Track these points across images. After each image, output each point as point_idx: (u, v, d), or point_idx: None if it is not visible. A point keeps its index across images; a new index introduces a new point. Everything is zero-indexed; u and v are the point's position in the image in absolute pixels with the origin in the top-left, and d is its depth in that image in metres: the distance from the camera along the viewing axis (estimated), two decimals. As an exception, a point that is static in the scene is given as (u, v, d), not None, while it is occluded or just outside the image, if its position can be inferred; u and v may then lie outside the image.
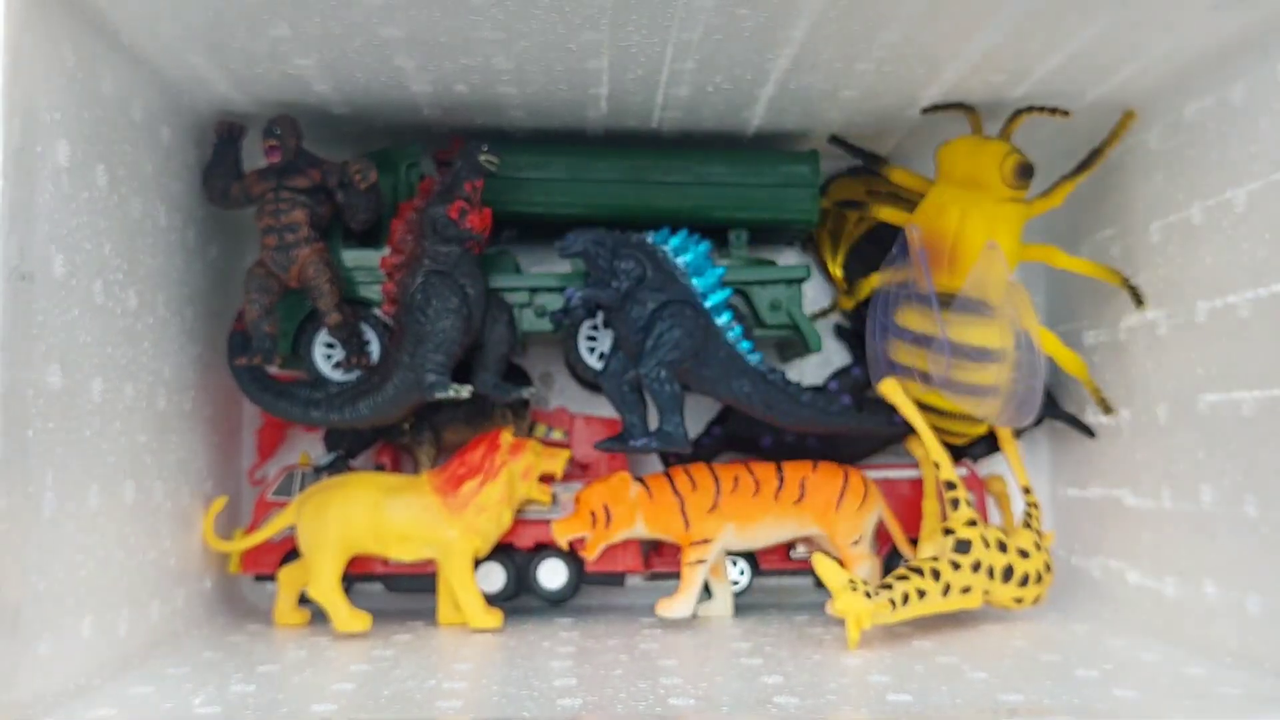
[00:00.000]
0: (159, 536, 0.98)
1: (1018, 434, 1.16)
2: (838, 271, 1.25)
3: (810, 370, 1.28)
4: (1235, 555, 0.91)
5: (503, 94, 1.02)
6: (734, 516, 1.10)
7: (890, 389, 1.06)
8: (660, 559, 1.19)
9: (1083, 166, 1.07)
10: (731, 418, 1.21)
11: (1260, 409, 0.88)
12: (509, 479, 1.07)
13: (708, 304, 1.06)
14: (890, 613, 0.96)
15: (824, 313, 1.25)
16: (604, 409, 1.25)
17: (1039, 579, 1.05)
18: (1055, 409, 1.18)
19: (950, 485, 1.05)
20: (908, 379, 1.07)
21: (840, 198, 1.21)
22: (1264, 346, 0.88)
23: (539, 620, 1.12)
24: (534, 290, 1.11)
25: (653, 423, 1.07)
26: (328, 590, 1.04)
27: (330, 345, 1.10)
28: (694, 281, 1.06)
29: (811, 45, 0.90)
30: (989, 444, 1.18)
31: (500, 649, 0.97)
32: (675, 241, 1.06)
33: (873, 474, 1.16)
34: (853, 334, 1.26)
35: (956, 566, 1.01)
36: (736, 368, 1.06)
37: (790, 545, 1.19)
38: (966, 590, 1.02)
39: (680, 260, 1.06)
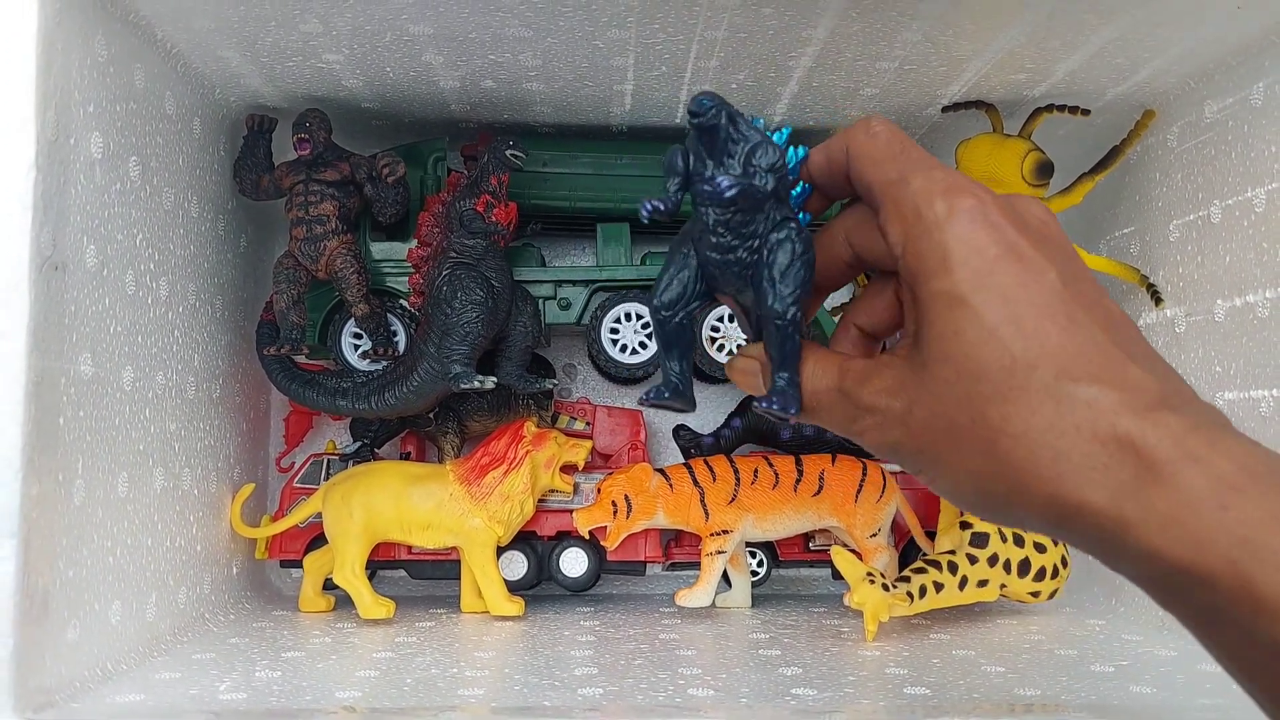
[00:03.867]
0: (187, 523, 0.99)
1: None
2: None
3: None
4: (1251, 553, 0.91)
5: (529, 90, 1.02)
6: (753, 508, 1.11)
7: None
8: (680, 549, 1.20)
9: (1102, 165, 1.07)
10: (750, 410, 1.22)
11: (1278, 407, 0.88)
12: (532, 468, 1.08)
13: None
14: (907, 605, 0.97)
15: (844, 307, 1.26)
16: (627, 400, 1.26)
17: (1055, 573, 1.06)
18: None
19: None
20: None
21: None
22: (1282, 346, 0.88)
23: (560, 608, 1.13)
24: (558, 283, 1.12)
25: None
26: (352, 577, 1.05)
27: (358, 336, 1.12)
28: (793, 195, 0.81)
29: (834, 43, 0.91)
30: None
31: (522, 637, 0.98)
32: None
33: (890, 467, 1.16)
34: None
35: (973, 560, 1.02)
36: None
37: (809, 537, 1.20)
38: (983, 584, 1.03)
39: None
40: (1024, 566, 1.04)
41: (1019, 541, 1.04)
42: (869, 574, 0.96)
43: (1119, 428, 0.42)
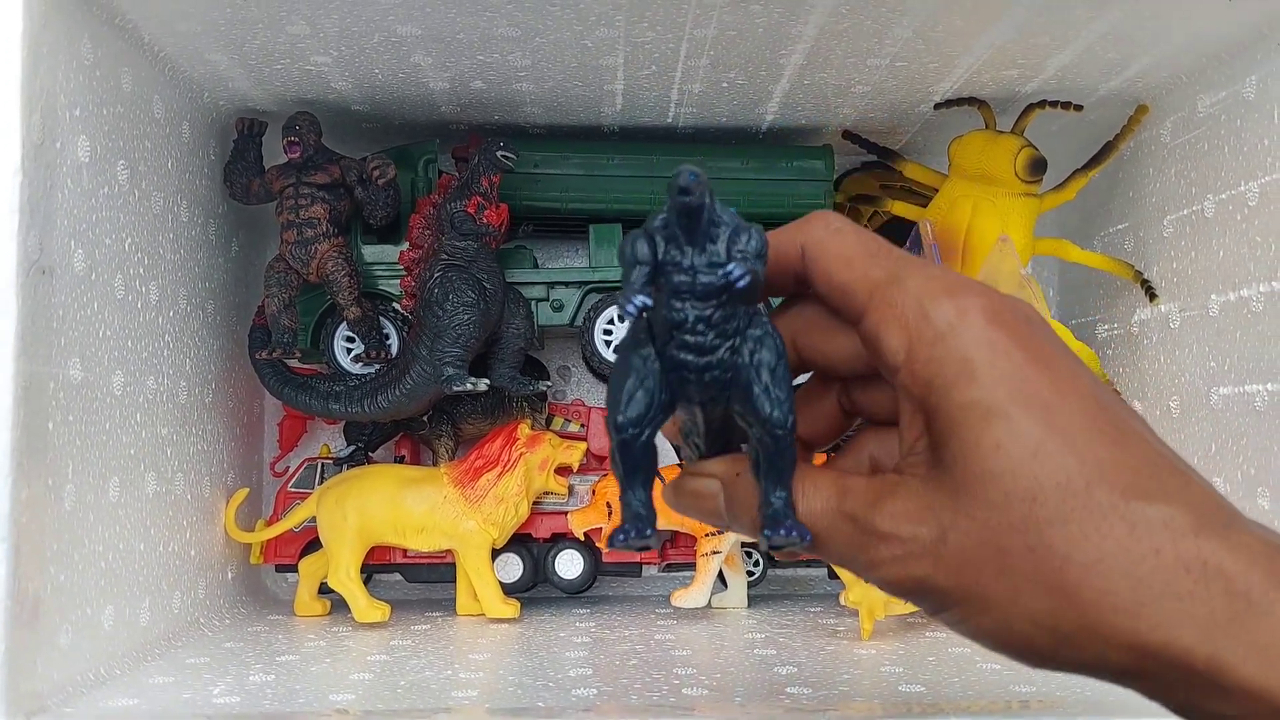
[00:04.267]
0: (180, 528, 0.99)
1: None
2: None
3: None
4: (1247, 548, 0.90)
5: (519, 91, 1.02)
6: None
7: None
8: (676, 550, 1.19)
9: (1095, 161, 1.07)
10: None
11: (1273, 402, 0.88)
12: (526, 471, 1.08)
13: None
14: (903, 604, 0.97)
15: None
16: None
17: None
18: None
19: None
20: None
21: (854, 193, 1.21)
22: (1277, 339, 0.88)
23: (556, 610, 1.12)
24: (551, 285, 1.12)
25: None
26: (346, 580, 1.05)
27: (350, 339, 1.11)
28: None
29: (824, 41, 0.91)
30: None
31: (517, 639, 0.97)
32: None
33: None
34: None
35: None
36: None
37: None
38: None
39: None
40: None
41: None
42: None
43: (1202, 551, 0.39)
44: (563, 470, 1.13)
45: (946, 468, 0.42)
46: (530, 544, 1.17)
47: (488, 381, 1.05)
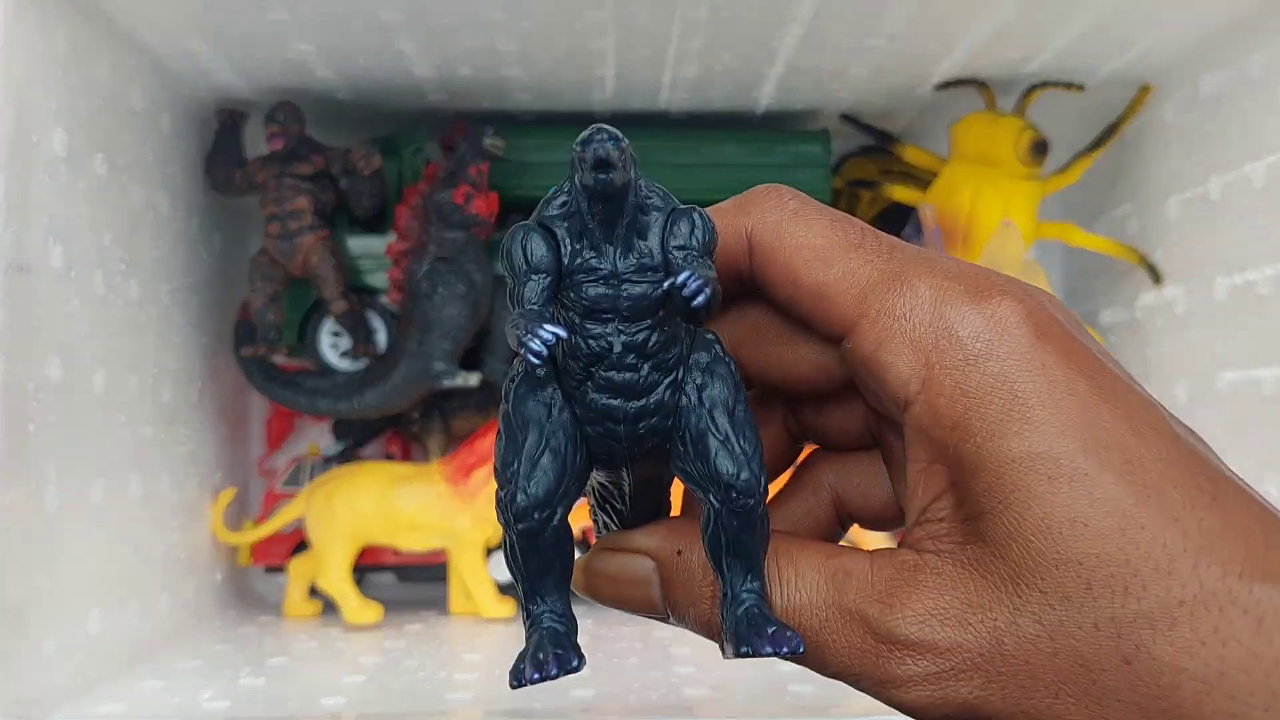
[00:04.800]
0: (167, 529, 0.97)
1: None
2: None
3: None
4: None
5: (508, 76, 1.00)
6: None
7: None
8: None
9: (1098, 142, 1.06)
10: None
11: (1282, 387, 0.87)
12: (520, 467, 1.06)
13: None
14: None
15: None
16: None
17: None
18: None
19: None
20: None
21: (853, 177, 1.19)
22: (1285, 323, 0.87)
23: (552, 609, 1.11)
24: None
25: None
26: (337, 581, 1.03)
27: (337, 334, 1.10)
28: None
29: (820, 22, 0.89)
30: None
31: (512, 638, 0.96)
32: None
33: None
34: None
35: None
36: None
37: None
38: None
39: None
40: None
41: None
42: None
43: None
44: (557, 466, 1.11)
45: (995, 546, 0.32)
46: (524, 541, 1.15)
47: (479, 376, 1.04)
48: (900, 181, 1.13)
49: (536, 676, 0.33)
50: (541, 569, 0.35)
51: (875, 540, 0.94)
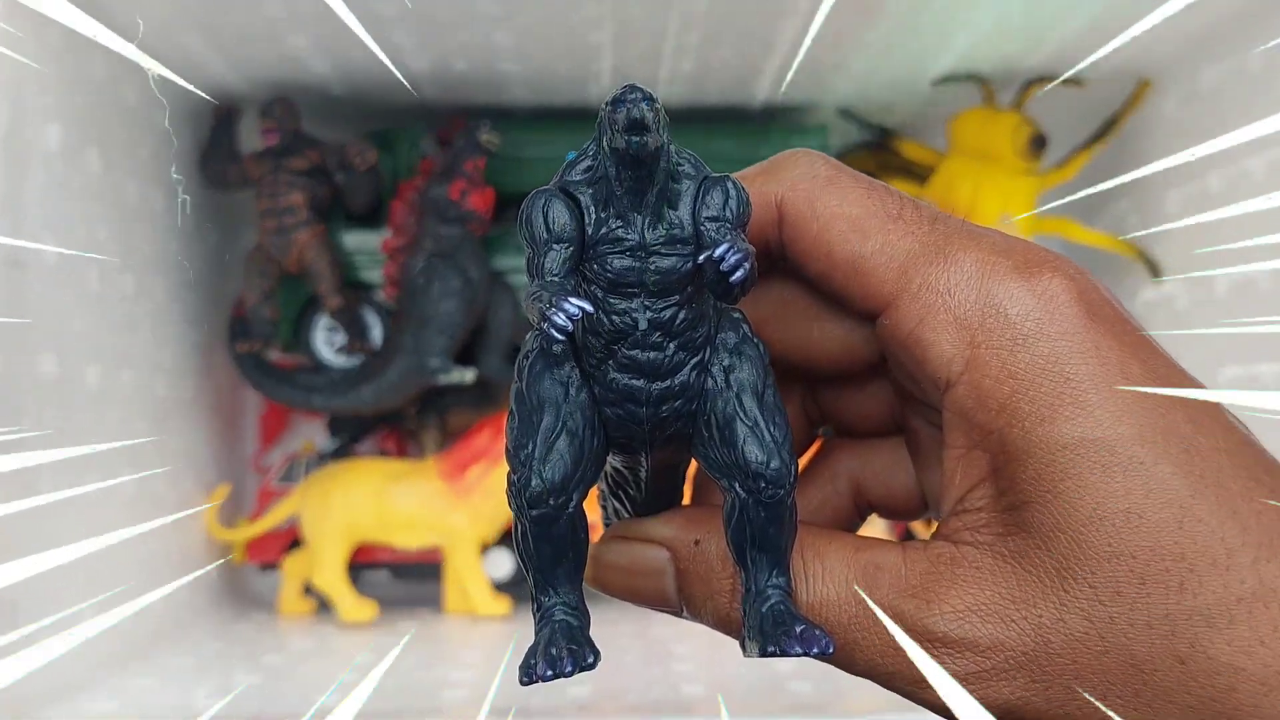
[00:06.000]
0: (161, 526, 0.97)
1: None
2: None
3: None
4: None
5: (504, 71, 1.00)
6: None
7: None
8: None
9: (1097, 137, 1.05)
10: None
11: (1282, 382, 0.87)
12: (516, 463, 1.06)
13: None
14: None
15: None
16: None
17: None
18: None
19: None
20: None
21: (851, 172, 1.19)
22: (1286, 318, 0.86)
23: (548, 606, 1.11)
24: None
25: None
26: (332, 579, 1.03)
27: (331, 330, 1.09)
28: None
29: (817, 16, 0.89)
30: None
31: (509, 636, 0.96)
32: None
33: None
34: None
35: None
36: None
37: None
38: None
39: None
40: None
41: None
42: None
43: None
44: (554, 462, 1.10)
45: (1040, 537, 0.30)
46: (521, 538, 1.14)
47: (475, 372, 1.04)
48: (898, 176, 1.13)
49: (550, 673, 0.31)
50: (554, 558, 0.33)
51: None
